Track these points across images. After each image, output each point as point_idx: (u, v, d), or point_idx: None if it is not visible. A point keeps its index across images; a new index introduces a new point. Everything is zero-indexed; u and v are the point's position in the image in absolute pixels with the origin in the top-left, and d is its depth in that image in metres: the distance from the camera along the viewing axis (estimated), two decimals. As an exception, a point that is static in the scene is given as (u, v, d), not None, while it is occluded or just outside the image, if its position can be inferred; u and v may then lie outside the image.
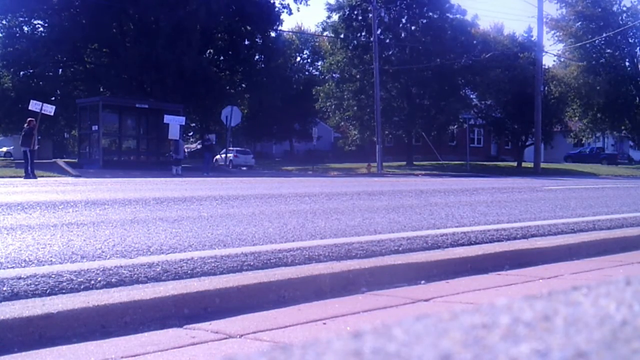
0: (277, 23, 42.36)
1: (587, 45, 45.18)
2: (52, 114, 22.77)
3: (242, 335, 2.41)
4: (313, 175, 30.83)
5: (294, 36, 61.09)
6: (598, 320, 0.77)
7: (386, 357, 0.61)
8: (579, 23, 46.08)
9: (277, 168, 41.41)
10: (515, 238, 5.22)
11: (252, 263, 3.85)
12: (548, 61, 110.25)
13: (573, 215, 7.19)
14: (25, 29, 38.33)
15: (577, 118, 49.56)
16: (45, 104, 22.26)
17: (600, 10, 45.07)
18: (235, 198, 9.51)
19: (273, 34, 43.07)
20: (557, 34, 47.75)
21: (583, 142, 54.53)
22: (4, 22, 37.15)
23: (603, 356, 0.65)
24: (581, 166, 41.39)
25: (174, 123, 28.35)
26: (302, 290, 3.01)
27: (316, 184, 16.73)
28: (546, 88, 42.24)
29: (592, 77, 45.59)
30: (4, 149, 56.04)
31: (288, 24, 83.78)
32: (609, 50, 47.14)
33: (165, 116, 28.57)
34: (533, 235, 5.40)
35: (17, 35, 37.16)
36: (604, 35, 43.85)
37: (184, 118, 30.59)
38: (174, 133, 28.30)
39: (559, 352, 0.65)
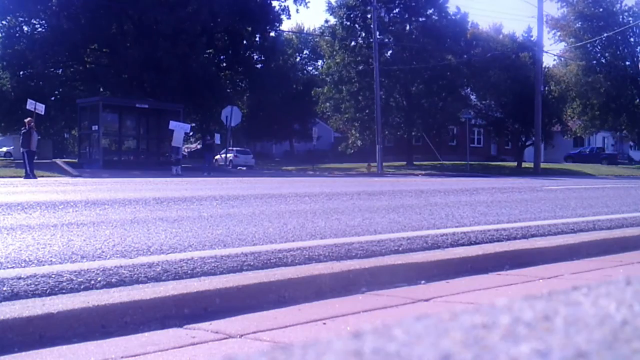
0: (277, 23, 42.39)
1: (588, 45, 45.20)
2: (42, 113, 23.17)
3: (242, 335, 2.41)
4: (313, 175, 30.83)
5: (293, 36, 61.07)
6: (598, 320, 0.77)
7: (386, 357, 0.61)
8: (580, 23, 46.09)
9: (277, 168, 41.42)
10: (515, 238, 5.22)
11: (252, 263, 3.85)
12: (548, 61, 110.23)
13: (573, 215, 7.19)
14: (25, 29, 38.31)
15: (576, 116, 49.56)
16: (37, 103, 22.81)
17: (601, 10, 45.08)
18: (235, 198, 9.51)
19: (273, 34, 43.08)
20: (558, 33, 47.77)
21: (579, 135, 54.54)
22: (3, 22, 37.14)
23: (603, 356, 0.65)
24: (581, 166, 41.39)
25: (179, 130, 28.24)
26: (302, 290, 3.01)
27: (316, 183, 16.73)
28: (546, 88, 42.24)
29: (592, 76, 45.60)
30: (4, 149, 56.05)
31: (288, 23, 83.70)
32: (609, 50, 47.14)
33: (171, 122, 28.44)
34: (533, 235, 5.40)
35: (17, 35, 37.15)
36: (605, 35, 43.86)
37: (189, 126, 30.60)
38: (178, 140, 28.19)
39: (560, 352, 0.65)
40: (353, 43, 42.98)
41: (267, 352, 0.66)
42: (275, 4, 41.79)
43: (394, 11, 42.82)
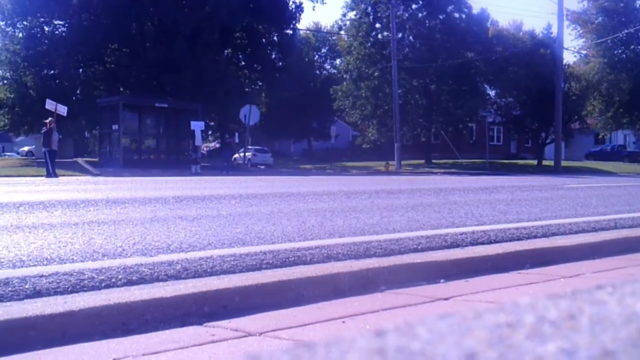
0: (294, 21, 42.41)
1: (609, 41, 44.65)
2: (64, 114, 23.13)
3: (261, 333, 2.41)
4: (331, 173, 30.84)
5: (310, 34, 61.05)
6: (624, 319, 0.76)
7: (410, 355, 0.61)
8: (601, 18, 45.55)
9: (295, 167, 41.46)
10: (535, 237, 5.18)
11: (271, 261, 3.85)
12: (569, 58, 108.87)
13: (594, 214, 7.12)
14: (46, 29, 38.70)
15: (596, 114, 48.96)
16: (59, 105, 22.76)
17: (622, 5, 44.51)
18: (254, 196, 9.54)
19: (290, 32, 43.09)
20: (578, 29, 47.26)
21: (602, 136, 53.84)
22: (25, 22, 37.55)
23: (630, 355, 0.64)
24: (602, 164, 40.93)
25: (198, 129, 28.86)
26: (320, 288, 3.01)
27: (334, 182, 16.73)
28: (567, 85, 41.79)
29: (614, 73, 45.03)
30: (26, 148, 56.85)
31: (305, 22, 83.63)
32: (631, 47, 46.50)
33: (192, 123, 28.89)
34: (554, 234, 5.35)
35: (38, 35, 37.54)
36: (625, 31, 43.29)
37: (203, 122, 30.99)
38: (199, 139, 28.95)
39: (586, 351, 0.64)
40: (372, 39, 42.89)
41: (291, 350, 0.66)
42: (290, 1, 41.76)
43: (413, 7, 42.64)
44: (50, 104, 22.73)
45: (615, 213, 7.25)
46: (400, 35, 41.14)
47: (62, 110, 22.88)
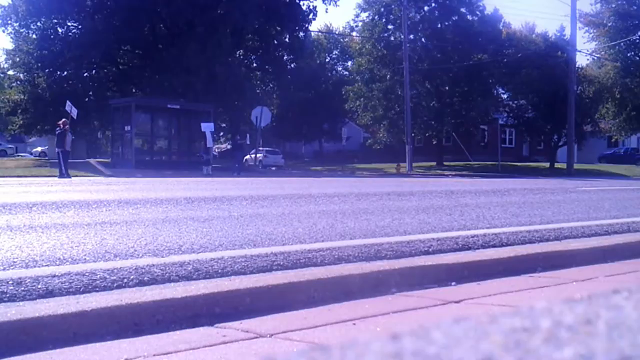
0: (307, 23, 42.46)
1: (622, 44, 44.31)
2: (75, 117, 23.58)
3: (272, 335, 2.41)
4: (342, 175, 30.81)
5: (322, 36, 61.04)
6: (642, 325, 0.75)
7: (426, 359, 0.60)
8: (613, 21, 45.22)
9: (307, 168, 41.47)
10: (547, 240, 5.15)
11: (281, 263, 3.85)
12: (582, 60, 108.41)
13: (607, 217, 7.06)
14: (60, 30, 38.91)
15: (610, 117, 48.58)
16: (73, 107, 23.29)
17: (635, 8, 44.18)
18: (265, 198, 9.55)
19: (302, 34, 43.13)
20: (591, 31, 46.92)
21: (615, 139, 53.40)
22: (38, 24, 37.77)
23: (648, 361, 0.63)
24: (615, 167, 40.59)
25: (208, 130, 28.95)
26: (331, 290, 3.00)
27: (345, 184, 16.71)
28: (580, 88, 41.52)
29: (628, 77, 44.67)
30: (39, 149, 57.31)
31: (317, 24, 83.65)
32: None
33: (202, 124, 28.97)
34: (566, 237, 5.32)
35: (52, 37, 37.75)
36: (639, 34, 42.94)
37: (213, 124, 31.08)
38: (210, 141, 29.08)
39: (603, 356, 0.63)
40: (384, 41, 42.84)
41: (306, 352, 0.65)
42: (303, 4, 41.82)
43: (425, 9, 42.56)
44: (68, 106, 23.26)
45: (628, 216, 7.19)
46: (412, 36, 41.06)
47: (74, 113, 23.30)
